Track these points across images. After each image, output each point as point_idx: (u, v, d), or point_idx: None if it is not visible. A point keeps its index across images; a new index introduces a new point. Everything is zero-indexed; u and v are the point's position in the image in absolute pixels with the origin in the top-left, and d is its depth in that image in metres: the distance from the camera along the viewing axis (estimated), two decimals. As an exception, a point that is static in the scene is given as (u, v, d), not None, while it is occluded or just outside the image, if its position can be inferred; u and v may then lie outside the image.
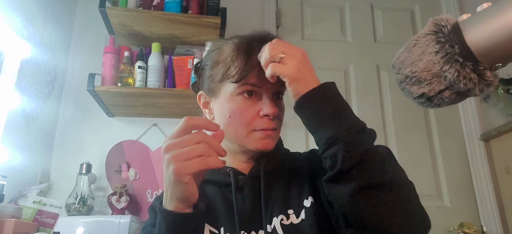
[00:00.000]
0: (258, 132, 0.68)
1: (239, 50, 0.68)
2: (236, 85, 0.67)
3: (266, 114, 0.67)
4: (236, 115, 0.68)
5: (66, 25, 1.75)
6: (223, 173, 0.72)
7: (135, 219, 1.38)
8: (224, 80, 0.69)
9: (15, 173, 1.25)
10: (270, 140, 0.69)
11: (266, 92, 0.68)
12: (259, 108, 0.67)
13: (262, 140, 0.68)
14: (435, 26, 0.51)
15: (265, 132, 0.67)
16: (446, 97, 0.52)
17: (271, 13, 1.94)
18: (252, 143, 0.68)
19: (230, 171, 0.71)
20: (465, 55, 0.48)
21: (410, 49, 0.54)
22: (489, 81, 0.48)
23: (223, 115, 0.70)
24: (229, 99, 0.69)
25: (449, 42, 0.49)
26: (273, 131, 0.69)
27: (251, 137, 0.68)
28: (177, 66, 1.54)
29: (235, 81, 0.67)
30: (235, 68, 0.67)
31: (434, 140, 1.85)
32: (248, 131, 0.68)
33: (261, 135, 0.68)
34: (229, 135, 0.70)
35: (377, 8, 2.09)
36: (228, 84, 0.69)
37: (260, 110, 0.67)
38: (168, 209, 0.56)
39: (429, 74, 0.51)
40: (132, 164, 1.61)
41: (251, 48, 0.68)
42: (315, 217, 0.66)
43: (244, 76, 0.66)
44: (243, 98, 0.68)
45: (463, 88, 0.49)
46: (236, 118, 0.68)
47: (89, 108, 1.64)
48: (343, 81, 1.90)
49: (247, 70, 0.66)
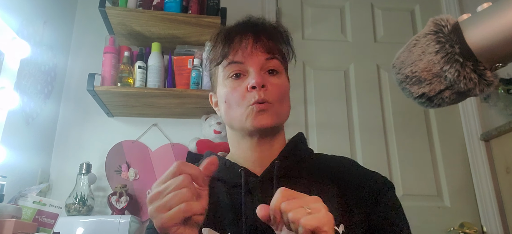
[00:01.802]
0: (251, 107, 0.65)
1: (218, 36, 0.71)
2: (222, 69, 0.69)
3: (252, 86, 0.65)
4: (229, 97, 0.68)
5: (66, 25, 1.75)
6: (234, 172, 0.68)
7: (135, 219, 1.38)
8: (212, 68, 0.72)
9: (15, 173, 1.25)
10: (266, 115, 0.65)
11: (252, 66, 0.67)
12: (247, 84, 0.66)
13: (257, 116, 0.65)
14: (435, 26, 0.51)
15: (258, 105, 0.65)
16: (446, 97, 0.52)
17: (271, 13, 1.94)
18: (249, 122, 0.66)
19: (241, 171, 0.67)
20: (465, 55, 0.48)
21: (410, 49, 0.54)
22: (489, 81, 0.48)
23: (222, 103, 0.70)
24: (222, 84, 0.70)
25: (449, 42, 0.49)
26: (267, 104, 0.65)
27: (247, 116, 0.66)
28: (177, 66, 1.54)
29: (218, 63, 0.69)
30: (217, 53, 0.70)
31: (434, 140, 1.85)
32: (242, 109, 0.66)
33: (255, 109, 0.65)
34: (230, 121, 0.70)
35: (377, 8, 2.08)
36: (219, 73, 0.71)
37: (248, 85, 0.66)
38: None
39: (429, 74, 0.51)
40: (132, 164, 1.61)
41: (229, 31, 0.70)
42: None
43: (225, 54, 0.68)
44: (231, 80, 0.68)
45: (463, 88, 0.49)
46: (230, 100, 0.68)
47: (89, 108, 1.64)
48: (343, 81, 1.90)
49: (227, 49, 0.68)
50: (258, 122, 0.65)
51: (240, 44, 0.68)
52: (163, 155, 1.64)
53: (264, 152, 0.69)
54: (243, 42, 0.68)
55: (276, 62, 0.69)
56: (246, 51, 0.67)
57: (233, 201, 0.66)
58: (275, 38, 0.71)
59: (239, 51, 0.68)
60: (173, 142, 1.67)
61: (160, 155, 1.64)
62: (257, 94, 0.65)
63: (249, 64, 0.67)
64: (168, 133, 1.69)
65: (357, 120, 1.85)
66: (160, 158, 1.64)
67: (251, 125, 0.66)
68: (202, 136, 1.60)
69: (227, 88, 0.68)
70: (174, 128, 1.70)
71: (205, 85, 1.50)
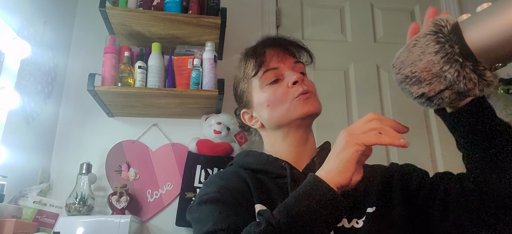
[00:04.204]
0: (297, 99, 0.74)
1: (247, 53, 0.82)
2: (258, 78, 0.78)
3: (293, 82, 0.75)
4: (272, 99, 0.76)
5: (66, 25, 1.75)
6: (277, 166, 0.75)
7: (135, 219, 1.38)
8: (248, 80, 0.80)
9: (15, 173, 1.25)
10: (313, 101, 0.75)
11: (286, 69, 0.77)
12: (286, 83, 0.76)
13: (305, 104, 0.74)
14: (435, 26, 0.51)
15: (303, 95, 0.74)
16: (446, 97, 0.52)
17: (271, 13, 1.94)
18: (297, 111, 0.74)
19: (286, 164, 0.74)
20: (465, 55, 0.48)
21: (410, 49, 0.54)
22: (489, 81, 0.48)
23: (263, 110, 0.78)
24: (260, 93, 0.78)
25: (449, 42, 0.49)
26: (310, 94, 0.75)
27: (294, 107, 0.74)
28: (177, 66, 1.54)
29: (255, 73, 0.77)
30: (249, 67, 0.79)
31: (434, 140, 1.85)
32: (288, 104, 0.74)
33: (302, 98, 0.74)
34: (276, 121, 0.76)
35: (377, 8, 2.09)
36: (254, 83, 0.79)
37: (288, 83, 0.75)
38: (320, 175, 0.56)
39: (429, 74, 0.51)
40: (132, 164, 1.61)
41: (255, 47, 0.80)
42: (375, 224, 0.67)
43: (260, 64, 0.77)
44: (270, 85, 0.77)
45: (463, 88, 0.49)
46: (272, 101, 0.76)
47: (89, 108, 1.64)
48: (343, 81, 1.90)
49: (261, 59, 0.77)
50: (307, 108, 0.74)
51: (272, 53, 0.79)
52: (163, 155, 1.64)
53: (302, 148, 0.78)
54: (275, 51, 0.79)
55: (302, 65, 0.81)
56: (279, 58, 0.78)
57: (279, 188, 0.72)
58: (297, 46, 0.83)
59: (273, 58, 0.78)
60: (173, 142, 1.67)
61: (160, 155, 1.65)
62: (300, 86, 0.75)
63: (284, 68, 0.78)
64: (168, 133, 1.69)
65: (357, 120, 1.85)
66: (160, 158, 1.64)
67: (301, 113, 0.74)
68: (202, 136, 1.60)
69: (268, 92, 0.77)
70: (174, 128, 1.70)
71: (205, 85, 1.50)
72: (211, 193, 0.68)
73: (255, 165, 0.76)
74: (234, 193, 0.68)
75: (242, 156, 0.82)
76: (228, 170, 0.79)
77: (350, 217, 0.68)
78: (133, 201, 1.52)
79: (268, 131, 0.81)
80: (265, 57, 0.78)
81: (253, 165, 0.77)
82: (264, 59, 0.77)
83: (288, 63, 0.78)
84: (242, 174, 0.74)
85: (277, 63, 0.78)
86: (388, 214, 0.69)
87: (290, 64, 0.78)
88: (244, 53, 0.83)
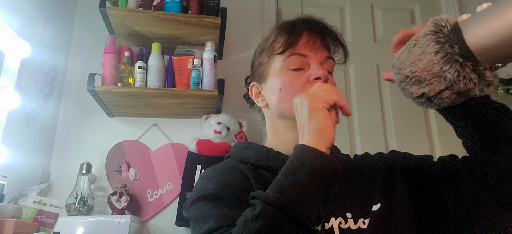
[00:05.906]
0: None
1: (282, 27, 0.73)
2: (283, 58, 0.70)
3: (316, 77, 0.67)
4: (287, 86, 0.69)
5: (66, 25, 1.75)
6: (279, 161, 0.70)
7: (135, 219, 1.38)
8: (271, 55, 0.73)
9: (15, 173, 1.25)
10: None
11: (314, 61, 0.70)
12: (308, 75, 0.69)
13: None
14: (435, 26, 0.51)
15: None
16: (446, 97, 0.52)
17: (271, 13, 1.94)
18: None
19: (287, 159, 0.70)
20: (465, 55, 0.48)
21: (410, 49, 0.54)
22: (489, 81, 0.48)
23: (274, 93, 0.72)
24: (278, 74, 0.71)
25: (449, 42, 0.49)
26: None
27: None
28: (177, 66, 1.54)
29: (281, 52, 0.69)
30: (279, 42, 0.71)
31: (434, 140, 1.85)
32: None
33: None
34: (282, 110, 0.71)
35: (377, 8, 2.09)
36: (276, 61, 0.72)
37: (310, 76, 0.68)
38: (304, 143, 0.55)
39: (429, 74, 0.51)
40: (132, 164, 1.61)
41: (293, 24, 0.71)
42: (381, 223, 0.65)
43: (290, 44, 0.69)
44: (291, 71, 0.70)
45: (463, 88, 0.49)
46: (287, 89, 0.69)
47: (89, 108, 1.64)
48: (343, 81, 1.90)
49: (293, 40, 0.69)
50: None
51: (308, 38, 0.70)
52: (163, 155, 1.64)
53: None
54: (311, 38, 0.70)
55: (332, 63, 0.74)
56: (311, 46, 0.70)
57: None
58: (336, 40, 0.74)
59: (305, 45, 0.70)
60: (173, 142, 1.67)
61: (160, 155, 1.65)
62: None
63: (312, 59, 0.70)
64: (168, 133, 1.69)
65: (357, 120, 1.85)
66: (160, 158, 1.64)
67: None
68: (202, 136, 1.60)
69: (286, 77, 0.70)
70: (174, 128, 1.70)
71: (205, 85, 1.50)
72: (211, 189, 0.65)
73: (255, 160, 0.72)
74: (235, 189, 0.65)
75: (240, 149, 0.77)
76: (226, 164, 0.75)
77: (356, 217, 0.66)
78: (133, 201, 1.52)
79: (273, 116, 0.76)
80: (300, 39, 0.70)
81: (253, 159, 0.73)
82: (297, 40, 0.70)
83: (320, 55, 0.71)
84: (243, 169, 0.70)
85: (308, 51, 0.70)
86: (393, 210, 0.67)
87: (321, 57, 0.71)
88: (280, 24, 0.74)
